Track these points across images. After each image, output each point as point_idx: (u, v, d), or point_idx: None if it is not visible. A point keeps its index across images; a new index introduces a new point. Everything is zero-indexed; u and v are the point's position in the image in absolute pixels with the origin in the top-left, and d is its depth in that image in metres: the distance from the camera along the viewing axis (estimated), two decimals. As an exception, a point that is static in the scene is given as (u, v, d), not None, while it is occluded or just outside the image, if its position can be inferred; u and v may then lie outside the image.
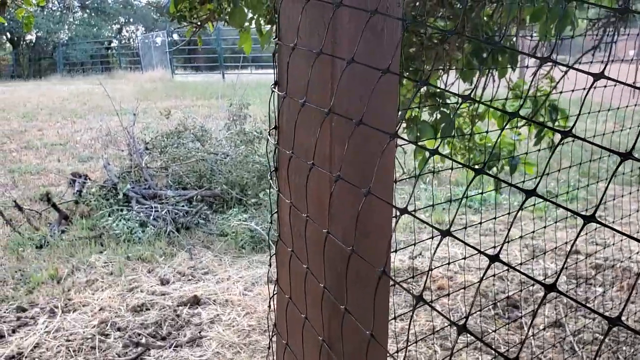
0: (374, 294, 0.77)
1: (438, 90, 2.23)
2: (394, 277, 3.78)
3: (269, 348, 1.15)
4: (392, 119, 0.95)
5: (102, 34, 31.72)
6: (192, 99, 14.69)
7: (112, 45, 32.56)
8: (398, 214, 0.67)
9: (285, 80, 0.98)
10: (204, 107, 12.93)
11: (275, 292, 1.12)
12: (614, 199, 3.63)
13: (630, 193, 3.42)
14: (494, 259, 0.51)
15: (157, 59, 24.61)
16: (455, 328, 3.14)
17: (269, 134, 1.03)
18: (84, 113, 12.24)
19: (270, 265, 1.10)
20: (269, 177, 1.04)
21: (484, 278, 3.48)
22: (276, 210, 1.06)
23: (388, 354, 0.92)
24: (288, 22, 0.97)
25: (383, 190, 0.98)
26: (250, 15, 2.68)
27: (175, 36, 24.91)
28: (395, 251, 1.42)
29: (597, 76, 0.50)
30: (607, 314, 3.32)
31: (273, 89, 1.03)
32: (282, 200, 1.03)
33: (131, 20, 34.88)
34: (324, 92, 0.92)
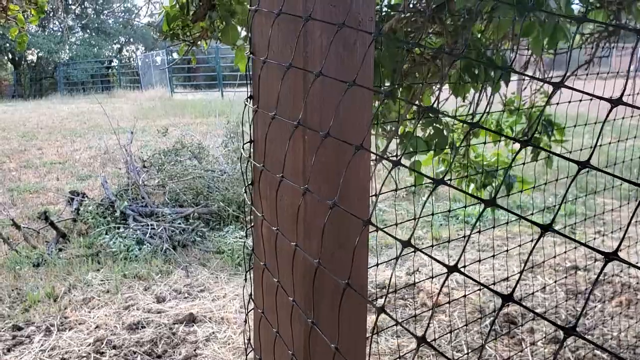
0: (339, 307, 0.77)
1: (426, 106, 2.23)
2: (377, 292, 3.75)
3: (247, 363, 1.14)
4: (363, 131, 0.94)
5: (103, 54, 31.93)
6: (190, 117, 14.74)
7: (113, 64, 32.80)
8: (377, 226, 0.67)
9: (258, 93, 0.98)
10: (202, 124, 12.97)
11: (250, 308, 1.11)
12: (612, 210, 3.63)
13: (620, 206, 3.42)
14: (452, 269, 0.51)
15: (156, 78, 24.79)
16: (450, 340, 3.12)
17: (243, 148, 1.03)
18: (84, 132, 12.29)
19: (246, 279, 1.10)
20: (244, 191, 1.04)
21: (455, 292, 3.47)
22: (252, 224, 1.06)
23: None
24: (261, 36, 0.97)
25: (356, 202, 0.98)
26: (243, 33, 2.69)
27: (176, 55, 25.08)
28: (377, 265, 1.42)
29: (557, 85, 0.50)
30: (605, 330, 3.31)
31: (246, 103, 1.03)
32: (256, 214, 1.03)
33: (131, 39, 35.16)
34: (296, 105, 0.91)
